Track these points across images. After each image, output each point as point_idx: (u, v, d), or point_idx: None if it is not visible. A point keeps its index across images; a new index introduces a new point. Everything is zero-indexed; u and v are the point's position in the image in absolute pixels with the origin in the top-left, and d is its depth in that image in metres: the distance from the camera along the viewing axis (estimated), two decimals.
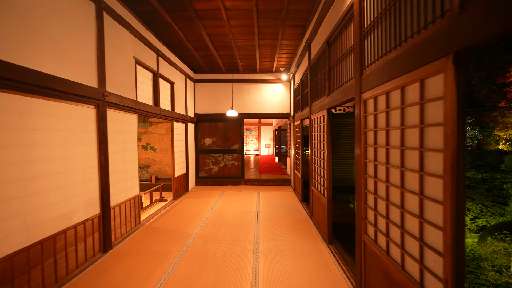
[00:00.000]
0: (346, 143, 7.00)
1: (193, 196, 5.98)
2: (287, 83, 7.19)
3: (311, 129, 4.16)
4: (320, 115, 3.57)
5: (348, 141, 7.00)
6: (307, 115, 4.56)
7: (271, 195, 6.05)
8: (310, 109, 4.24)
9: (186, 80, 6.50)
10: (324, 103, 3.32)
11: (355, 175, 2.25)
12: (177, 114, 5.68)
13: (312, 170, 4.18)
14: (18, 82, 1.99)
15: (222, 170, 7.30)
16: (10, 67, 1.92)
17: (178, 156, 5.89)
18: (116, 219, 3.35)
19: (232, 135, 7.28)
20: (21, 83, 2.02)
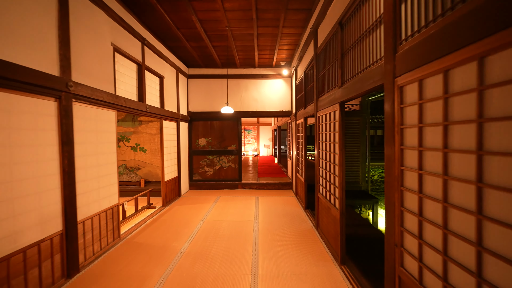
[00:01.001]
0: (351, 144, 6.49)
1: (185, 202, 5.43)
2: (288, 78, 6.65)
3: (318, 128, 3.63)
4: (329, 111, 3.03)
5: (353, 142, 6.49)
6: (312, 112, 4.03)
7: (271, 200, 5.51)
8: (316, 105, 3.71)
9: (178, 75, 5.95)
10: (335, 97, 2.78)
11: (384, 186, 1.70)
12: (167, 111, 5.13)
13: (318, 175, 3.65)
14: None
15: (217, 173, 6.76)
16: None
17: (168, 158, 5.34)
18: (86, 235, 2.79)
19: (228, 135, 6.74)
20: None
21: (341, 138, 2.66)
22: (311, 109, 4.09)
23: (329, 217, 3.09)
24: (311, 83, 4.28)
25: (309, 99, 4.46)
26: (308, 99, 4.56)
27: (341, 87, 2.65)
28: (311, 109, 4.14)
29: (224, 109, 4.90)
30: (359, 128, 6.23)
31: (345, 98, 2.50)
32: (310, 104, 4.30)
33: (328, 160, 3.14)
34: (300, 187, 5.29)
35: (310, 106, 4.23)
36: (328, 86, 3.18)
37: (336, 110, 2.78)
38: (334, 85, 2.94)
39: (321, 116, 3.46)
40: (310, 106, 4.25)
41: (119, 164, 6.73)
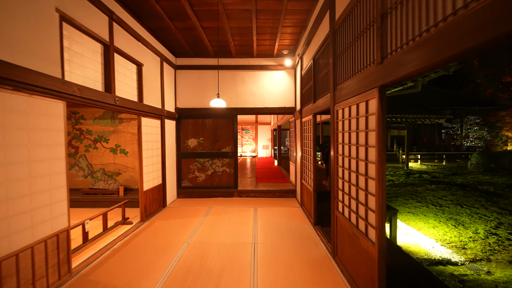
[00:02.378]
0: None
1: (169, 216, 4.54)
2: (291, 70, 5.79)
3: (335, 126, 2.77)
4: (357, 101, 2.17)
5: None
6: (325, 106, 3.17)
7: (272, 212, 4.63)
8: (333, 96, 2.84)
9: (163, 64, 5.06)
10: (369, 80, 1.92)
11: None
12: (147, 107, 4.24)
13: (336, 187, 2.79)
14: None
15: (210, 179, 5.87)
16: None
17: (150, 163, 4.45)
18: (10, 278, 1.90)
19: (222, 135, 5.86)
20: None
21: (380, 140, 1.80)
22: (324, 103, 3.23)
23: (357, 249, 2.22)
24: (323, 70, 3.42)
25: (320, 90, 3.60)
26: (319, 91, 3.70)
27: (381, 64, 1.78)
28: (323, 103, 3.28)
29: (214, 102, 4.02)
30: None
31: (390, 80, 1.63)
32: (322, 97, 3.44)
33: (354, 170, 2.27)
34: (307, 197, 4.42)
35: (322, 99, 3.37)
36: (354, 67, 2.31)
37: (371, 98, 1.92)
38: (365, 63, 2.08)
39: (342, 109, 2.60)
40: (322, 99, 3.39)
41: (97, 169, 5.84)
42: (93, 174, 5.83)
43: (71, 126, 5.82)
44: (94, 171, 5.84)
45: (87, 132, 5.83)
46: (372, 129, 1.91)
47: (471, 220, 5.78)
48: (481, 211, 6.39)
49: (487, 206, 6.84)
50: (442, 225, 5.49)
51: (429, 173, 11.78)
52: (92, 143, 5.83)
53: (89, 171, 5.84)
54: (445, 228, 5.31)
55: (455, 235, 4.99)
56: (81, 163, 5.84)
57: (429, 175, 11.11)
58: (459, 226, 5.43)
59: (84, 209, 4.92)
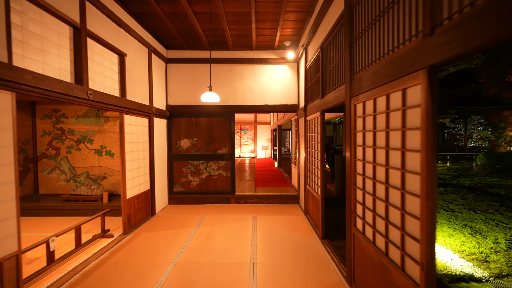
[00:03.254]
0: None
1: (157, 226, 4.01)
2: (294, 64, 5.27)
3: (353, 124, 2.26)
4: (388, 90, 1.66)
5: None
6: (337, 100, 2.66)
7: (272, 222, 4.12)
8: (349, 88, 2.33)
9: (152, 56, 4.53)
10: (409, 61, 1.41)
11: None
12: (131, 103, 3.72)
13: (353, 198, 2.28)
14: None
15: (205, 183, 5.35)
16: None
17: (135, 166, 3.93)
18: None
19: (218, 135, 5.34)
20: None
21: (430, 143, 1.29)
22: (337, 97, 2.72)
23: (387, 284, 1.70)
24: (334, 59, 2.91)
25: (331, 83, 3.09)
26: (329, 84, 3.19)
27: (430, 35, 1.26)
28: (335, 97, 2.77)
29: (206, 96, 3.51)
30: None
31: (446, 57, 1.12)
32: (334, 90, 2.92)
33: (383, 180, 1.76)
34: (313, 205, 3.91)
35: (333, 93, 2.86)
36: (382, 47, 1.80)
37: (411, 85, 1.41)
38: (401, 39, 1.56)
39: (362, 103, 2.08)
40: (333, 92, 2.87)
41: (80, 172, 5.30)
42: (75, 178, 5.30)
43: (52, 126, 5.29)
44: (77, 175, 5.31)
45: (70, 132, 5.30)
46: (414, 127, 1.40)
47: (488, 228, 5.28)
48: (496, 217, 5.90)
49: (502, 212, 6.35)
50: (457, 233, 4.98)
51: None
52: (75, 144, 5.30)
53: (72, 174, 5.30)
54: (461, 237, 4.81)
55: (474, 245, 4.49)
56: (62, 166, 5.30)
57: None
58: (476, 234, 4.93)
59: (63, 219, 4.39)
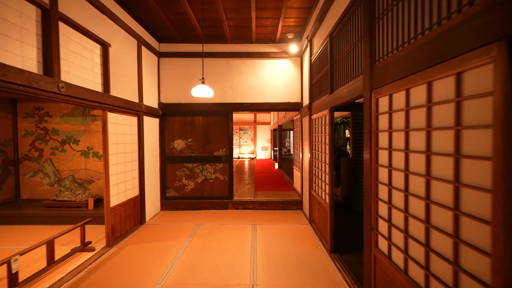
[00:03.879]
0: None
1: (146, 237, 3.60)
2: (297, 58, 4.88)
3: (374, 122, 1.86)
4: (430, 78, 1.27)
5: None
6: (352, 94, 2.26)
7: (274, 232, 3.72)
8: (368, 78, 1.93)
9: (142, 49, 4.13)
10: (487, 29, 1.01)
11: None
12: (117, 99, 3.32)
13: (374, 212, 1.88)
14: None
15: (200, 187, 4.94)
16: None
17: (121, 170, 3.52)
18: None
19: (215, 135, 4.94)
20: None
21: (510, 148, 0.89)
22: (351, 91, 2.32)
23: None
24: (348, 46, 2.51)
25: (342, 75, 2.69)
26: (340, 77, 2.79)
27: None
28: (349, 91, 2.37)
29: (197, 90, 3.11)
30: None
31: None
32: (347, 83, 2.52)
33: (422, 195, 1.36)
34: (320, 214, 3.51)
35: (347, 87, 2.46)
36: (423, 21, 1.40)
37: (476, 66, 1.01)
38: (460, 2, 1.16)
39: (388, 96, 1.68)
40: (347, 86, 2.47)
41: (65, 176, 4.89)
42: (60, 182, 4.89)
43: (34, 125, 4.88)
44: (62, 178, 4.90)
45: (54, 132, 4.89)
46: (480, 125, 1.00)
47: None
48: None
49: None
50: None
51: None
52: (59, 145, 4.89)
53: (56, 178, 4.89)
54: None
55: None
56: (46, 169, 4.89)
57: None
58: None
59: (44, 228, 3.98)
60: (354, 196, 4.84)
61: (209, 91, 3.15)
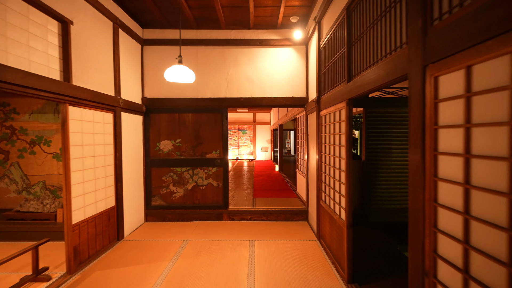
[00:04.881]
0: (401, 147, 4.22)
1: (121, 259, 2.96)
2: (301, 47, 4.24)
3: (430, 113, 1.23)
4: None
5: (403, 142, 4.22)
6: (387, 76, 1.63)
7: (276, 251, 3.08)
8: (422, 47, 1.29)
9: (119, 33, 3.50)
10: None
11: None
12: (82, 91, 2.68)
13: (429, 250, 1.24)
14: None
15: (191, 195, 4.30)
16: None
17: (89, 177, 2.89)
18: None
19: (208, 135, 4.30)
20: None
21: None
22: (385, 72, 1.68)
23: None
24: (373, 15, 1.87)
25: (366, 57, 2.05)
26: (361, 59, 2.15)
27: None
28: (380, 75, 1.73)
29: (172, 72, 2.47)
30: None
31: None
32: (376, 65, 1.88)
33: None
34: (333, 231, 2.87)
35: (374, 69, 1.82)
36: None
37: None
38: None
39: (466, 71, 1.05)
40: (374, 69, 1.83)
41: (34, 182, 4.25)
42: (29, 189, 4.24)
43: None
44: (31, 185, 4.25)
45: (22, 131, 4.24)
46: None
47: None
48: None
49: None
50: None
51: None
52: (28, 147, 4.24)
53: (24, 184, 4.24)
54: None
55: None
56: (13, 174, 4.25)
57: None
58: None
59: (6, 244, 3.35)
60: (367, 205, 4.21)
61: (188, 74, 2.52)
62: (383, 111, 4.14)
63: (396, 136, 4.14)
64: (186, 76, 2.49)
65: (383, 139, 4.16)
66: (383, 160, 4.17)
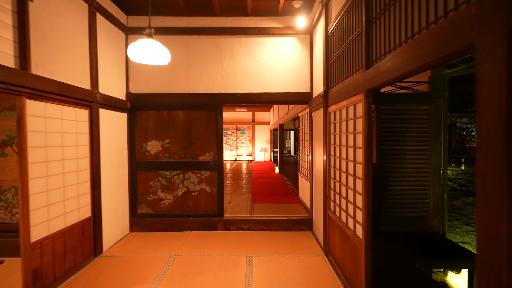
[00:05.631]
0: (414, 149, 3.77)
1: (94, 282, 2.50)
2: (305, 36, 3.79)
3: None
4: None
5: (418, 146, 3.78)
6: (435, 53, 1.18)
7: (277, 272, 2.63)
8: None
9: (97, 17, 3.04)
10: None
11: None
12: (44, 81, 2.23)
13: None
14: None
15: (181, 202, 3.85)
16: None
17: (54, 185, 2.44)
18: None
19: (200, 135, 3.85)
20: None
21: None
22: (432, 46, 1.23)
23: None
24: None
25: (391, 35, 1.60)
26: (384, 40, 1.70)
27: None
28: (418, 54, 1.28)
29: (138, 49, 2.02)
30: (428, 122, 3.56)
31: None
32: (410, 42, 1.43)
33: None
34: (345, 249, 2.42)
35: (409, 48, 1.37)
36: None
37: None
38: None
39: None
40: (409, 46, 1.38)
41: (6, 187, 3.78)
42: (0, 196, 3.78)
43: None
44: (3, 191, 3.79)
45: None
46: None
47: None
48: None
49: None
50: None
51: (451, 179, 9.88)
52: None
53: None
54: None
55: None
56: None
57: (454, 183, 9.22)
58: None
59: None
60: (378, 213, 3.76)
61: (160, 53, 2.04)
62: (397, 107, 3.69)
63: (411, 136, 3.69)
64: (158, 55, 2.02)
65: (397, 139, 3.71)
66: (397, 163, 3.72)
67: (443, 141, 3.46)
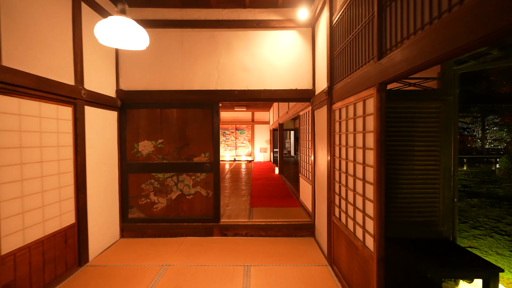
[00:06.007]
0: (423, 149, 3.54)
1: None
2: (307, 29, 3.57)
3: None
4: None
5: (427, 146, 3.55)
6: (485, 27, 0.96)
7: (277, 284, 2.40)
8: None
9: (81, 6, 2.81)
10: None
11: None
12: (17, 74, 2.00)
13: None
14: None
15: (175, 206, 3.62)
16: None
17: (31, 190, 2.21)
18: None
19: (195, 134, 3.62)
20: None
21: None
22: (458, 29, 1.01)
23: None
24: None
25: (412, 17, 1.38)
26: (401, 25, 1.47)
27: None
28: (449, 34, 1.06)
29: (108, 29, 1.75)
30: (438, 121, 3.33)
31: None
32: (440, 21, 1.21)
33: None
34: (353, 261, 2.20)
35: (438, 29, 1.15)
36: None
37: None
38: None
39: None
40: (438, 26, 1.16)
41: None
42: None
43: None
44: None
45: None
46: None
47: None
48: None
49: None
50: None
51: None
52: None
53: None
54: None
55: None
56: None
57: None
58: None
59: None
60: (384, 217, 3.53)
61: (135, 34, 1.78)
62: (404, 105, 3.47)
63: (420, 135, 3.46)
64: (132, 37, 1.76)
65: (404, 139, 3.48)
66: (404, 165, 3.50)
67: (454, 142, 3.23)
